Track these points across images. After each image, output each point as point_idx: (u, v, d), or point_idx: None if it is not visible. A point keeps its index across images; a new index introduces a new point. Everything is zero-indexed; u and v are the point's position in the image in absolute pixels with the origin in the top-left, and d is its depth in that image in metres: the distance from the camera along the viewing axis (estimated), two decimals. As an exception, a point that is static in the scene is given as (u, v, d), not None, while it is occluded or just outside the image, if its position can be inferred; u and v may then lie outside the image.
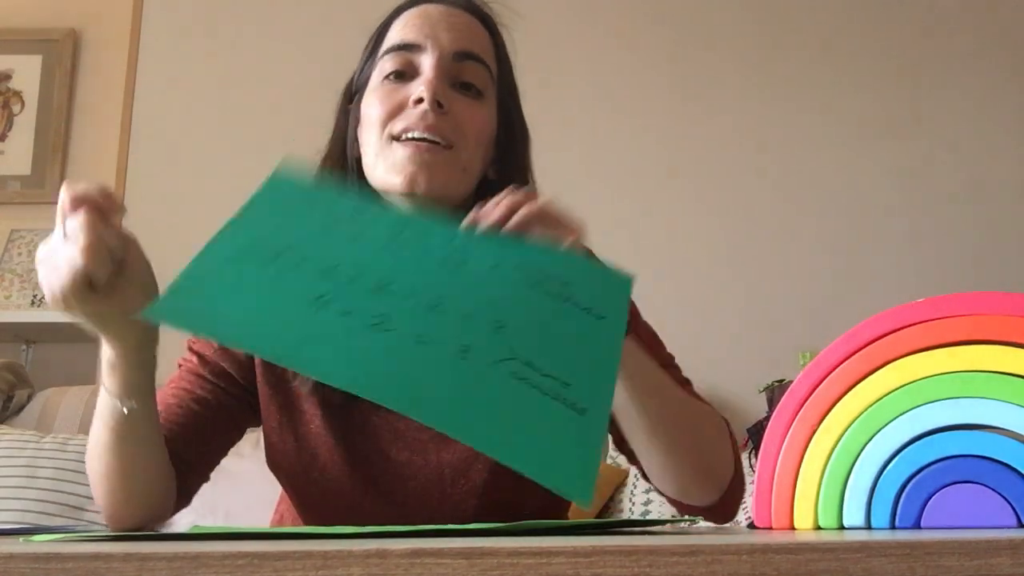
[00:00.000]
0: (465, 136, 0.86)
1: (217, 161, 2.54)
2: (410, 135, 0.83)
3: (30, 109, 2.82)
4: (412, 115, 0.83)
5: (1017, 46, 2.51)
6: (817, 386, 0.62)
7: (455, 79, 0.87)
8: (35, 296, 2.62)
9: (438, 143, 0.83)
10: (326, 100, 0.95)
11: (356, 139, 0.90)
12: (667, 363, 0.92)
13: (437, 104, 0.83)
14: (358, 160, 0.90)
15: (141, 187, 2.54)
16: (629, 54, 2.55)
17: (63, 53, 2.85)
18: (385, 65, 0.87)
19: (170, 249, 2.88)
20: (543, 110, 1.04)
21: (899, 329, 0.61)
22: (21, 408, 2.23)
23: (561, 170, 1.51)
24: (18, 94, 2.84)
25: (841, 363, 0.62)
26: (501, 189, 0.90)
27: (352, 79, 0.94)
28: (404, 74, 0.86)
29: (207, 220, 2.59)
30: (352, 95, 0.93)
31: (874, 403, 0.61)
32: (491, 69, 0.90)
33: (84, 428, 2.12)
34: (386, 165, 0.84)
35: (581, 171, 2.44)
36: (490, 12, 0.94)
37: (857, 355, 0.62)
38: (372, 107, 0.86)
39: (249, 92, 2.56)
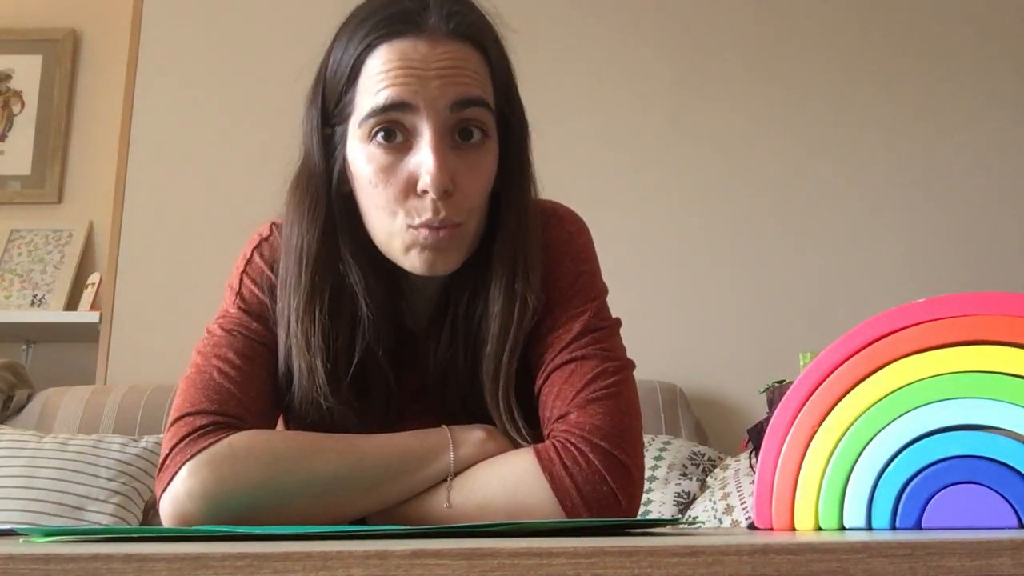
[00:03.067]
0: (473, 208, 0.85)
1: (217, 161, 2.54)
2: (426, 228, 0.82)
3: (30, 109, 2.83)
4: (424, 206, 0.81)
5: (1018, 45, 2.51)
6: (817, 387, 0.62)
7: (454, 129, 0.83)
8: (35, 296, 2.62)
9: (450, 224, 0.83)
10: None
11: (342, 177, 0.87)
12: (585, 326, 0.87)
13: (444, 192, 0.81)
14: (345, 196, 0.88)
15: (141, 187, 2.54)
16: (630, 53, 2.55)
17: (63, 53, 2.85)
18: (373, 130, 0.82)
19: (170, 249, 2.88)
20: (542, 109, 1.03)
21: (899, 330, 0.61)
22: (21, 408, 2.23)
23: (561, 170, 1.51)
24: (18, 94, 2.85)
25: (841, 364, 0.62)
26: (504, 194, 0.89)
27: (322, 93, 0.88)
28: (395, 133, 0.82)
29: (207, 220, 2.59)
30: (330, 119, 0.88)
31: (874, 404, 0.61)
32: (490, 103, 0.85)
33: (84, 428, 2.12)
34: (402, 246, 0.84)
35: (581, 171, 2.44)
36: (478, 28, 0.86)
37: (857, 356, 0.62)
38: (372, 187, 0.83)
39: (249, 92, 2.56)
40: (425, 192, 0.81)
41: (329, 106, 0.88)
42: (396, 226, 0.83)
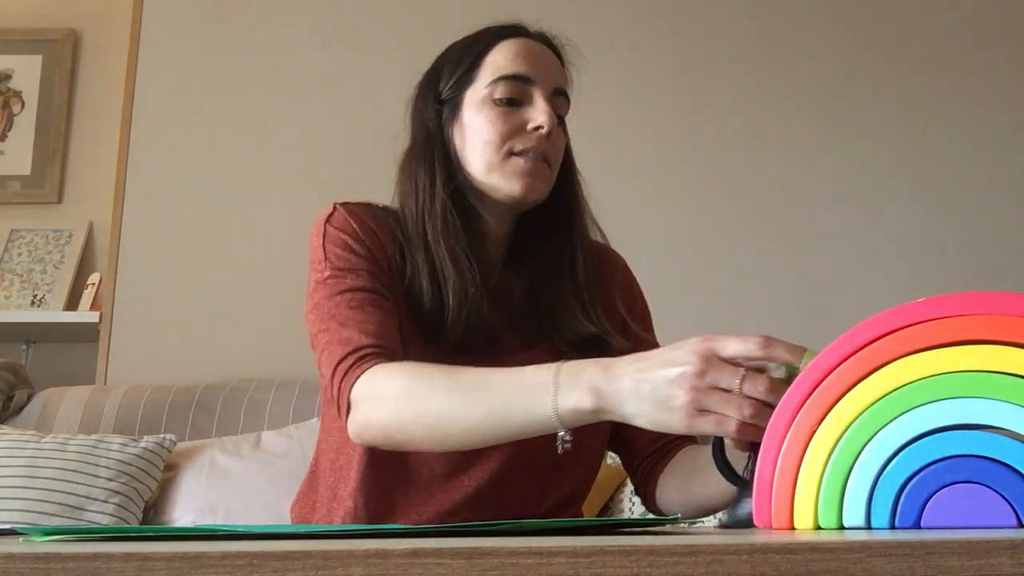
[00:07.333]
0: (559, 158, 1.11)
1: (217, 161, 2.54)
2: (530, 154, 1.05)
3: (30, 109, 2.82)
4: (532, 138, 1.06)
5: (1015, 47, 2.51)
6: (817, 386, 0.62)
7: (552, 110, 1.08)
8: (35, 296, 2.62)
9: (547, 162, 1.07)
10: (326, 100, 0.94)
11: (453, 139, 1.09)
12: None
13: (550, 132, 1.06)
14: (452, 155, 1.09)
15: (141, 187, 2.53)
16: (630, 53, 2.55)
17: (63, 53, 2.85)
18: (498, 89, 1.07)
19: (170, 249, 2.87)
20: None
21: (899, 329, 0.61)
22: (21, 408, 2.23)
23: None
24: (18, 94, 2.84)
25: (841, 363, 0.62)
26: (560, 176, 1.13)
27: (438, 79, 1.11)
28: (514, 100, 1.07)
29: (207, 220, 2.58)
30: (441, 96, 1.10)
31: (874, 403, 0.61)
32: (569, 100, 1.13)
33: (84, 428, 2.12)
34: (504, 173, 1.06)
35: (581, 172, 2.44)
36: (561, 46, 1.17)
37: (857, 355, 0.62)
38: (489, 124, 1.06)
39: (250, 92, 2.56)
40: (537, 129, 1.05)
41: (443, 88, 1.10)
42: (501, 153, 1.05)
